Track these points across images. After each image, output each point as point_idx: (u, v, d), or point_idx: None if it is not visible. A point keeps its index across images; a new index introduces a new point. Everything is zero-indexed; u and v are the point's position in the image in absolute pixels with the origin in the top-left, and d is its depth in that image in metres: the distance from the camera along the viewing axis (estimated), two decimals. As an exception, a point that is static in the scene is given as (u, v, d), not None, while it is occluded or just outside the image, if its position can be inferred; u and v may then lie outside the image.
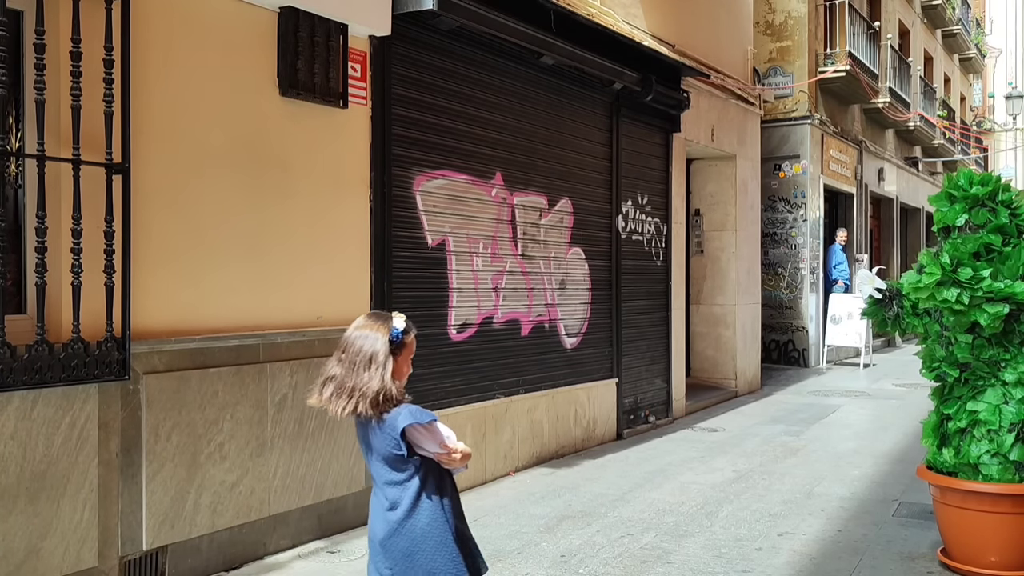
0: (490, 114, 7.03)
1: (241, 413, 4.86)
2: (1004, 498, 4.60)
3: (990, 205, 4.82)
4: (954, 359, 4.83)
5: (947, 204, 4.94)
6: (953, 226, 4.89)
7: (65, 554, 4.06)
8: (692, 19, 10.68)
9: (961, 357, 4.78)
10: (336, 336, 5.54)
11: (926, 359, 5.05)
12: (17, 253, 4.13)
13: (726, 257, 11.89)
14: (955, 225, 4.88)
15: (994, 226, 4.76)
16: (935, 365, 4.95)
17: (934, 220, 5.04)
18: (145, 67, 4.42)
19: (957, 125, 24.53)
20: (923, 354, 5.09)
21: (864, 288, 5.24)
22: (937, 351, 4.94)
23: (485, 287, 6.98)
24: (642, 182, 9.30)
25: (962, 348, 4.77)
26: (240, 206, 4.93)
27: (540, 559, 5.08)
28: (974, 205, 4.84)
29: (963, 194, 4.87)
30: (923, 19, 22.22)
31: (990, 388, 4.74)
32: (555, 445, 7.74)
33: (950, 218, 4.89)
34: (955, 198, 4.91)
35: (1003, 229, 4.76)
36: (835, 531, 5.59)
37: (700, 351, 11.95)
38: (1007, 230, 4.76)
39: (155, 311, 4.48)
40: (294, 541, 5.20)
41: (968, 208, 4.84)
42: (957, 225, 4.87)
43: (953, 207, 4.89)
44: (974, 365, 4.77)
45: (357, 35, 5.67)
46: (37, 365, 3.88)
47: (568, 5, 7.62)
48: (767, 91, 13.73)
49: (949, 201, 4.94)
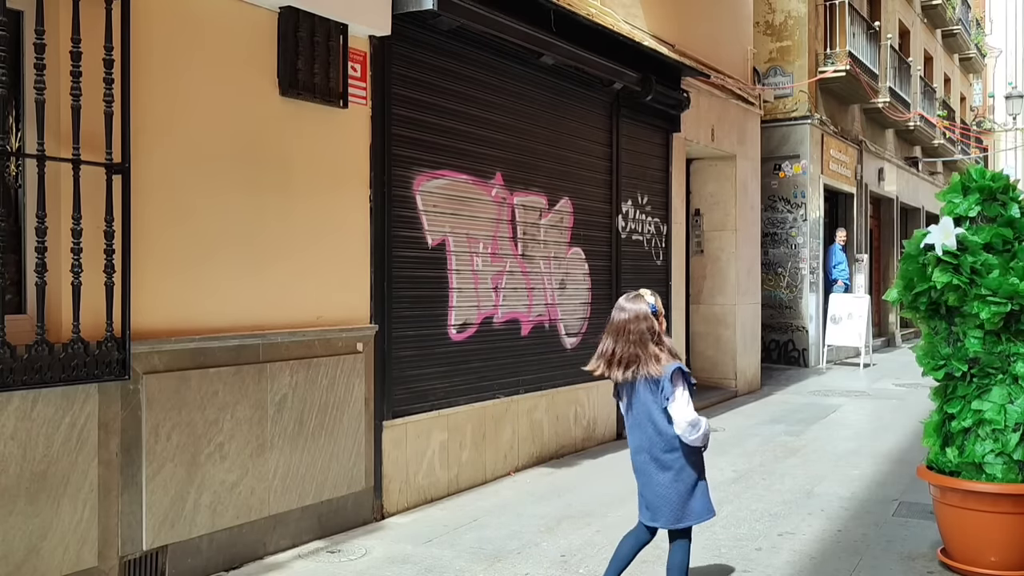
0: (490, 114, 7.03)
1: (241, 413, 4.86)
2: (1004, 498, 4.60)
3: (1002, 199, 4.83)
4: (963, 354, 4.80)
5: (960, 195, 4.94)
6: (964, 217, 4.89)
7: (65, 554, 4.06)
8: (692, 19, 10.68)
9: (973, 351, 4.76)
10: (336, 336, 5.58)
11: (926, 357, 5.00)
12: (17, 253, 4.13)
13: (726, 257, 11.89)
14: (967, 216, 4.88)
15: (1006, 219, 4.77)
16: (940, 363, 4.91)
17: (943, 213, 5.01)
18: (145, 67, 4.42)
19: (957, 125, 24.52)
20: (922, 353, 5.03)
21: (938, 235, 4.75)
22: (941, 348, 4.92)
23: (485, 287, 6.98)
24: (642, 182, 9.30)
25: (974, 343, 4.74)
26: (240, 206, 4.93)
27: (540, 559, 5.08)
28: (988, 197, 4.85)
29: (977, 185, 4.88)
30: (923, 19, 22.22)
31: (996, 387, 4.73)
32: (555, 445, 7.74)
33: (963, 209, 4.88)
34: (969, 189, 4.91)
35: (1014, 224, 4.77)
36: (835, 531, 5.58)
37: (700, 351, 11.94)
38: (1018, 225, 4.77)
39: (155, 311, 4.48)
40: (294, 541, 5.20)
41: (982, 200, 4.85)
42: (969, 216, 4.87)
43: (967, 198, 4.89)
44: (985, 360, 4.75)
45: (357, 35, 5.67)
46: (37, 365, 3.88)
47: (568, 5, 7.62)
48: (767, 91, 13.74)
49: (963, 192, 4.93)
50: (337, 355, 5.49)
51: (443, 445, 6.43)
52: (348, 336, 5.59)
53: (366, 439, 5.71)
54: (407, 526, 5.70)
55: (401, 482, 6.02)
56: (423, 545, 5.30)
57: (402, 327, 6.10)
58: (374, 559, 5.05)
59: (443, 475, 6.42)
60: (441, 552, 5.18)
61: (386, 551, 5.18)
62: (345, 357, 5.55)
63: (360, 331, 5.69)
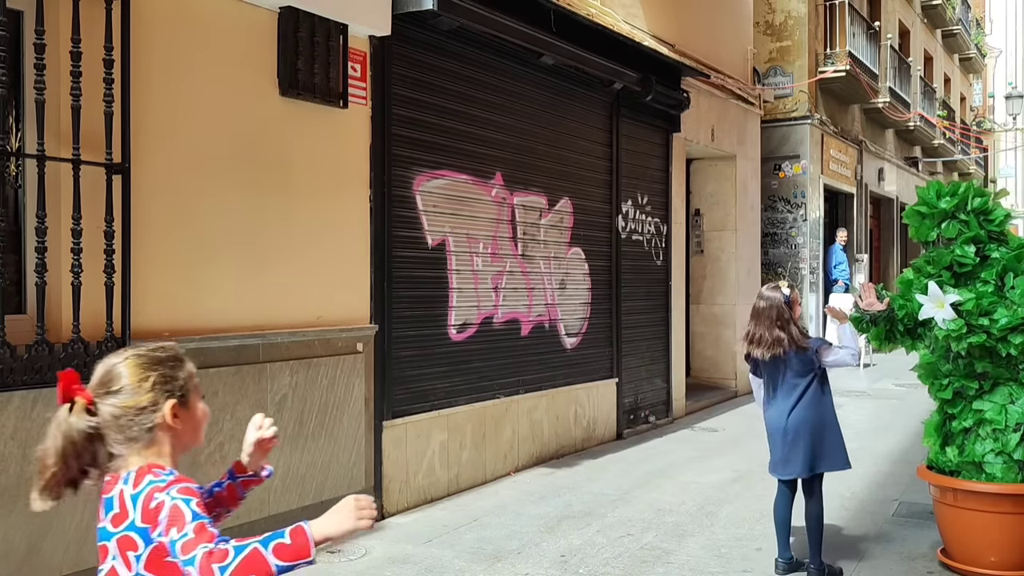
0: (490, 114, 7.03)
1: (241, 413, 4.86)
2: (1004, 498, 4.60)
3: (961, 217, 4.78)
4: (971, 371, 4.76)
5: (918, 221, 4.93)
6: (927, 242, 4.93)
7: (65, 553, 4.05)
8: (692, 19, 10.68)
9: (981, 368, 4.72)
10: (336, 336, 5.58)
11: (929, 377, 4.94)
12: (17, 253, 4.13)
13: (726, 257, 11.89)
14: (929, 240, 4.90)
15: (966, 238, 4.73)
16: (944, 382, 4.85)
17: (909, 234, 5.04)
18: (145, 67, 4.42)
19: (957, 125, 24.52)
20: (923, 372, 4.99)
21: (933, 309, 4.62)
22: (941, 366, 4.88)
23: (485, 287, 6.98)
24: (642, 182, 9.30)
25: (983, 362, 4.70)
26: (240, 206, 4.93)
27: (540, 559, 5.08)
28: (943, 219, 4.82)
29: (930, 210, 4.85)
30: (923, 19, 22.22)
31: (999, 387, 4.73)
32: (555, 445, 7.74)
33: (922, 234, 4.90)
34: (923, 215, 4.90)
35: (976, 239, 4.74)
36: (835, 531, 5.58)
37: (700, 351, 11.94)
38: (980, 238, 4.75)
39: (155, 311, 4.48)
40: (294, 541, 5.18)
41: (938, 223, 4.84)
42: (931, 240, 4.88)
43: (924, 223, 4.89)
44: (993, 372, 4.72)
45: (357, 35, 5.67)
46: (37, 365, 3.89)
47: (568, 5, 7.62)
48: (767, 91, 13.73)
49: (920, 218, 4.92)
50: (337, 355, 5.49)
51: (443, 445, 6.43)
52: (348, 336, 5.59)
53: (366, 439, 5.71)
54: (407, 526, 5.70)
55: (401, 482, 6.02)
56: (423, 545, 5.30)
57: (402, 327, 6.10)
58: (374, 559, 5.05)
59: (443, 475, 6.42)
60: (441, 552, 5.18)
61: (386, 551, 5.18)
62: (345, 357, 5.55)
63: (360, 331, 5.69)
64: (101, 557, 1.81)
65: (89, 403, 1.79)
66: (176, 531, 1.70)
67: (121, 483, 1.80)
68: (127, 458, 1.82)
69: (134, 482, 1.79)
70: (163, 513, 1.73)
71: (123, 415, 1.80)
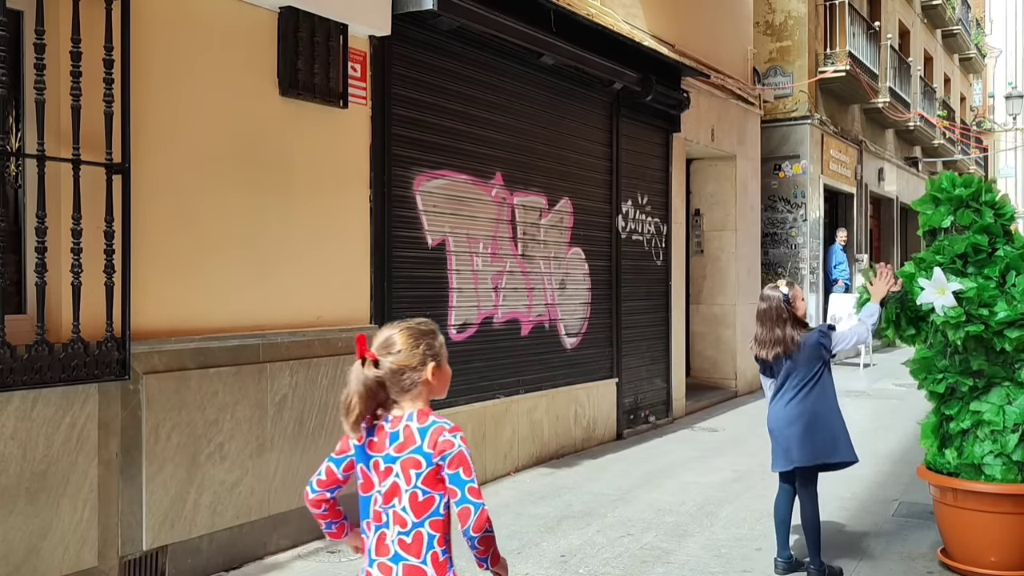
0: (490, 114, 7.03)
1: (241, 413, 4.86)
2: (1004, 498, 4.60)
3: (974, 206, 4.81)
4: (966, 367, 4.77)
5: (932, 207, 4.93)
6: (939, 228, 4.90)
7: (65, 554, 4.06)
8: (692, 19, 10.69)
9: (976, 366, 4.73)
10: (336, 336, 5.58)
11: (922, 372, 4.95)
12: (17, 253, 4.13)
13: (726, 257, 11.89)
14: (941, 227, 4.89)
15: (980, 226, 4.75)
16: (938, 376, 4.87)
17: (919, 224, 5.04)
18: (145, 67, 4.42)
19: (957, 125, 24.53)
20: (916, 367, 4.99)
21: (934, 295, 4.67)
22: (938, 361, 4.90)
23: (485, 287, 6.98)
24: (642, 182, 9.30)
25: (978, 359, 4.72)
26: (240, 206, 4.93)
27: (540, 559, 5.08)
28: (959, 206, 4.84)
29: (947, 196, 4.87)
30: (923, 19, 22.22)
31: (995, 388, 4.73)
32: (555, 445, 7.74)
33: (935, 220, 4.90)
34: (939, 200, 4.90)
35: (989, 229, 4.75)
36: (835, 531, 5.58)
37: (700, 351, 11.94)
38: (992, 230, 4.76)
39: (155, 311, 4.48)
40: (294, 541, 5.19)
41: (953, 210, 4.84)
42: (943, 227, 4.88)
43: (938, 209, 4.89)
44: (989, 371, 4.73)
45: (357, 35, 5.67)
46: (37, 365, 3.88)
47: (568, 5, 7.63)
48: (767, 91, 13.73)
49: (934, 204, 4.93)
50: (337, 355, 5.49)
51: (443, 445, 6.42)
52: (348, 336, 5.58)
53: (366, 439, 5.70)
54: (407, 526, 5.69)
55: (401, 482, 6.01)
56: (423, 545, 5.29)
57: (402, 327, 6.08)
58: (374, 559, 5.04)
59: (443, 475, 6.41)
60: (441, 552, 5.17)
61: (386, 551, 5.17)
62: (345, 357, 5.55)
63: (360, 331, 5.68)
64: (381, 478, 2.36)
65: (374, 360, 2.33)
66: (463, 473, 2.30)
67: (406, 419, 2.34)
68: (402, 404, 2.36)
69: (418, 420, 2.33)
70: (452, 451, 2.29)
71: (400, 370, 2.33)
